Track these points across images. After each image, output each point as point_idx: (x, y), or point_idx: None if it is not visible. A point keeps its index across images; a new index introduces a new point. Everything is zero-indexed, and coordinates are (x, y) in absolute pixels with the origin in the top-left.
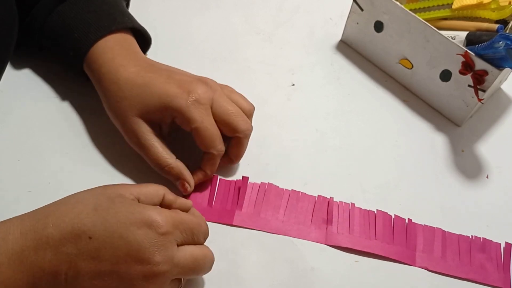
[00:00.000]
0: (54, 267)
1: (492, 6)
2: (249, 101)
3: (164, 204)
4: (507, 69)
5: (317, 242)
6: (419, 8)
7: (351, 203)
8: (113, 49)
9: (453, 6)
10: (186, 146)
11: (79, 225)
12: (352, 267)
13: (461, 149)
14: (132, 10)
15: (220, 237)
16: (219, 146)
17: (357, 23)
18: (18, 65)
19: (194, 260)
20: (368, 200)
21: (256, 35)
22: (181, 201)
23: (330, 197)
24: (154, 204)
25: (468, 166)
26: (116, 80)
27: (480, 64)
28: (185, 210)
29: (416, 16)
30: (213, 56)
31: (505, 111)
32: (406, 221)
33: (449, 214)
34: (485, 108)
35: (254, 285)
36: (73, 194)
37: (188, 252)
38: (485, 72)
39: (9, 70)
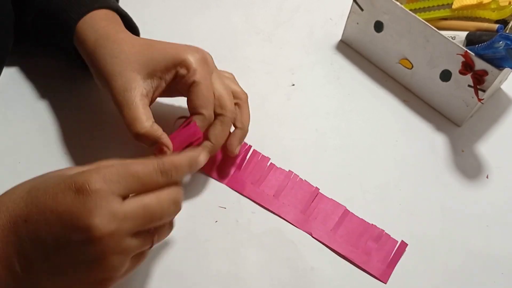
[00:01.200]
0: (6, 261)
1: (492, 6)
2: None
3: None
4: (507, 69)
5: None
6: (419, 8)
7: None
8: (106, 18)
9: (453, 6)
10: None
11: (15, 211)
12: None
13: (461, 149)
14: (132, 9)
15: (220, 237)
16: (211, 111)
17: (357, 23)
18: (17, 66)
19: (144, 207)
20: (368, 200)
21: (256, 34)
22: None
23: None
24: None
25: (468, 166)
26: (115, 39)
27: (480, 64)
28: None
29: (416, 16)
30: (213, 55)
31: (505, 111)
32: (315, 191)
33: (449, 214)
34: (485, 108)
35: (254, 285)
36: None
37: (135, 201)
38: (485, 72)
39: (9, 70)
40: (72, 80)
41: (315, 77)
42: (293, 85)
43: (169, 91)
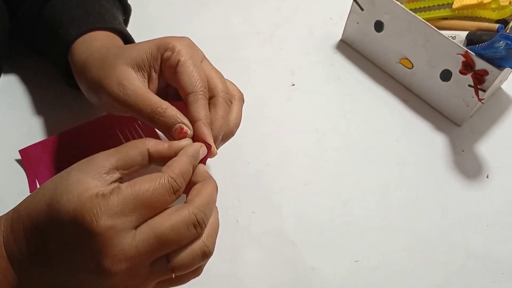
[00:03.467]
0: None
1: (493, 6)
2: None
3: (154, 159)
4: (507, 69)
5: None
6: (419, 8)
7: None
8: (102, 39)
9: (454, 6)
10: None
11: (38, 221)
12: (352, 267)
13: (461, 149)
14: (132, 9)
15: (220, 237)
16: (203, 87)
17: (357, 23)
18: (17, 66)
19: (158, 237)
20: (368, 200)
21: (256, 35)
22: (174, 145)
23: None
24: (140, 165)
25: (468, 166)
26: (104, 48)
27: (480, 64)
28: (179, 149)
29: (416, 16)
30: (212, 56)
31: (505, 111)
32: None
33: (449, 214)
34: (485, 108)
35: (254, 285)
36: (42, 185)
37: (148, 231)
38: (485, 72)
39: (8, 70)
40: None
41: (315, 77)
42: (293, 85)
43: (164, 92)
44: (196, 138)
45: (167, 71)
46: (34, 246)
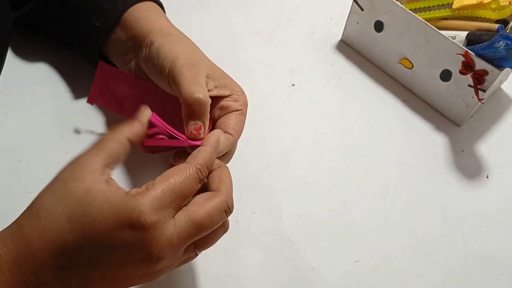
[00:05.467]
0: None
1: (492, 6)
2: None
3: (134, 142)
4: (507, 69)
5: None
6: (419, 8)
7: None
8: (152, 8)
9: (453, 6)
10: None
11: (63, 244)
12: (352, 267)
13: (461, 149)
14: None
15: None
16: (238, 139)
17: (357, 23)
18: (17, 65)
19: (195, 224)
20: (368, 200)
21: (256, 35)
22: (141, 118)
23: None
24: (124, 155)
25: (468, 166)
26: (169, 33)
27: (480, 64)
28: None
29: (416, 16)
30: (212, 56)
31: (505, 111)
32: None
33: (449, 214)
34: (485, 108)
35: (254, 285)
36: (37, 201)
37: (186, 219)
38: (485, 72)
39: (9, 70)
40: (74, 80)
41: (315, 77)
42: (293, 85)
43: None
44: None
45: (226, 104)
46: (64, 265)
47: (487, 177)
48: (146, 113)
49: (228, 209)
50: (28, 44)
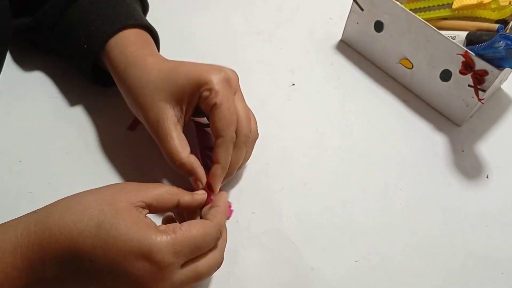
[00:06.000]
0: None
1: (492, 6)
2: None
3: (180, 207)
4: (507, 69)
5: None
6: (419, 8)
7: None
8: (135, 42)
9: (453, 6)
10: None
11: (80, 246)
12: (352, 267)
13: (461, 149)
14: None
15: None
16: (233, 133)
17: (357, 23)
18: (18, 65)
19: (197, 276)
20: (368, 200)
21: (256, 35)
22: (197, 197)
23: None
24: (168, 210)
25: (468, 166)
26: (143, 66)
27: (480, 64)
28: (199, 205)
29: (416, 16)
30: (213, 56)
31: (505, 111)
32: None
33: (449, 214)
34: (485, 108)
35: (254, 285)
36: (79, 196)
37: (192, 271)
38: (485, 72)
39: (9, 70)
40: (74, 79)
41: (315, 77)
42: (293, 85)
43: (196, 112)
44: (209, 176)
45: (203, 106)
46: (70, 270)
47: (487, 177)
48: (203, 198)
49: (220, 263)
50: (28, 44)
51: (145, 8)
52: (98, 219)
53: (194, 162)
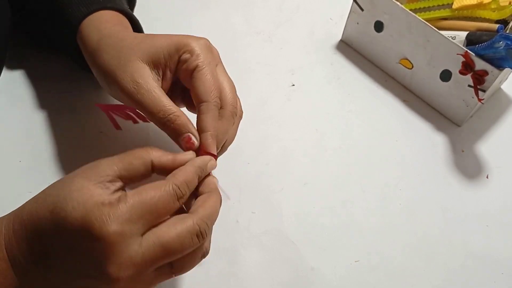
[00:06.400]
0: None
1: (492, 6)
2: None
3: (157, 169)
4: (507, 69)
5: None
6: (419, 8)
7: None
8: (111, 20)
9: (453, 6)
10: None
11: (42, 232)
12: (352, 267)
13: (461, 149)
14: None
15: (220, 237)
16: (217, 98)
17: (357, 23)
18: (18, 65)
19: (163, 246)
20: (368, 200)
21: (256, 35)
22: (178, 159)
23: None
24: (144, 176)
25: (468, 166)
26: (117, 36)
27: (480, 64)
28: (183, 163)
29: (416, 16)
30: None
31: (505, 111)
32: None
33: (449, 214)
34: (485, 108)
35: (254, 285)
36: (50, 186)
37: (153, 239)
38: (485, 72)
39: (9, 70)
40: (74, 80)
41: (315, 77)
42: (293, 85)
43: (175, 89)
44: (201, 148)
45: (182, 72)
46: (38, 251)
47: (487, 177)
48: (187, 156)
49: (200, 234)
50: (28, 44)
51: (131, 2)
52: (52, 203)
53: (186, 117)
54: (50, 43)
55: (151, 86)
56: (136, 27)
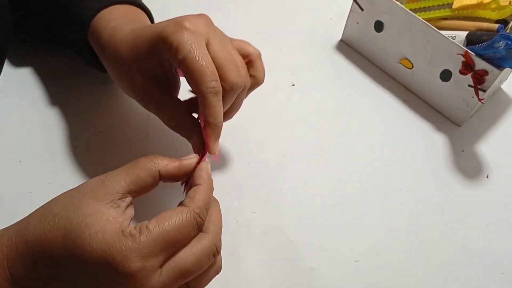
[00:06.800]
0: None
1: (492, 6)
2: (253, 47)
3: (164, 178)
4: (507, 69)
5: None
6: (419, 8)
7: None
8: (117, 18)
9: (453, 6)
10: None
11: (53, 256)
12: (352, 267)
13: (461, 149)
14: None
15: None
16: (212, 83)
17: (357, 23)
18: (18, 66)
19: (182, 271)
20: (368, 200)
21: (256, 35)
22: (185, 163)
23: None
24: (152, 186)
25: (468, 166)
26: (114, 43)
27: (480, 64)
28: (188, 173)
29: (416, 16)
30: None
31: (505, 111)
32: None
33: (449, 214)
34: (485, 108)
35: (254, 285)
36: (52, 203)
37: (173, 268)
38: (485, 72)
39: (9, 70)
40: (74, 80)
41: (315, 77)
42: (293, 85)
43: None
44: (204, 135)
45: (170, 70)
46: (46, 275)
47: (487, 177)
48: (191, 161)
49: (216, 252)
50: (28, 44)
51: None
52: (65, 228)
53: (196, 122)
54: (57, 39)
55: (158, 94)
56: (149, 17)
